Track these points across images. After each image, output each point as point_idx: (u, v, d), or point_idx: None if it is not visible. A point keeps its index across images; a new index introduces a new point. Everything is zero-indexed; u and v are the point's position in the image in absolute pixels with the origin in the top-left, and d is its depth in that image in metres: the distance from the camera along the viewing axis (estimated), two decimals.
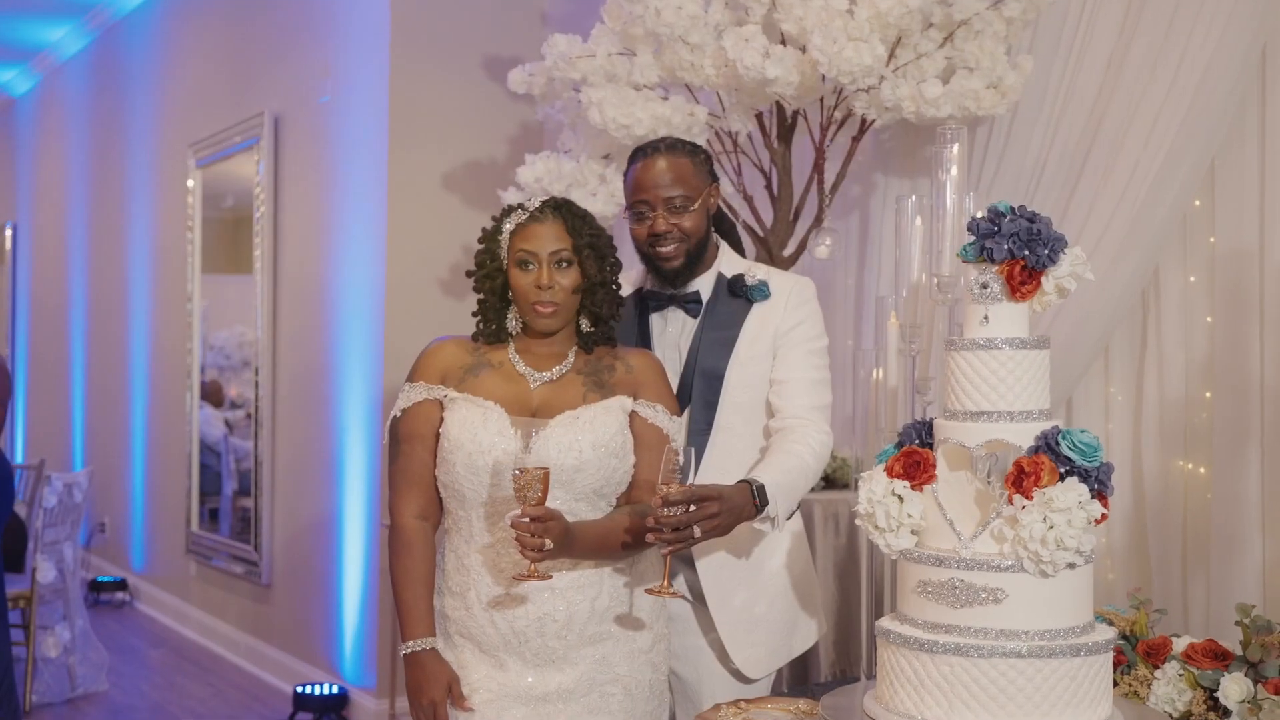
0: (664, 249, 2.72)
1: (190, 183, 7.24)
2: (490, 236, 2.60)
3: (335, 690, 5.48)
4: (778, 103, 3.72)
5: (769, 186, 3.88)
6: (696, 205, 2.73)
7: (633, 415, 2.56)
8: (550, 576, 2.40)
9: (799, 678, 3.63)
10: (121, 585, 8.26)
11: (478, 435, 2.48)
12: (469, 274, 2.63)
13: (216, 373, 7.46)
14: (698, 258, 2.77)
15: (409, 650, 2.50)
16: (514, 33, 5.47)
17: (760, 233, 3.84)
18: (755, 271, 2.81)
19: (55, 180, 9.84)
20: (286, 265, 6.26)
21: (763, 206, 3.92)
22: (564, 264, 2.53)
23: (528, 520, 2.28)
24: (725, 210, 2.94)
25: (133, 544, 8.34)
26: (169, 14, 7.77)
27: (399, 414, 2.58)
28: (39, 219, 10.27)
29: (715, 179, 2.81)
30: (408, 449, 2.56)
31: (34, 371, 10.47)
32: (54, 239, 9.82)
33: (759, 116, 3.79)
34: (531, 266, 2.52)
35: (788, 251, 3.83)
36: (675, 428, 2.59)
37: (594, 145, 3.83)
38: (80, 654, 6.01)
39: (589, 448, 2.47)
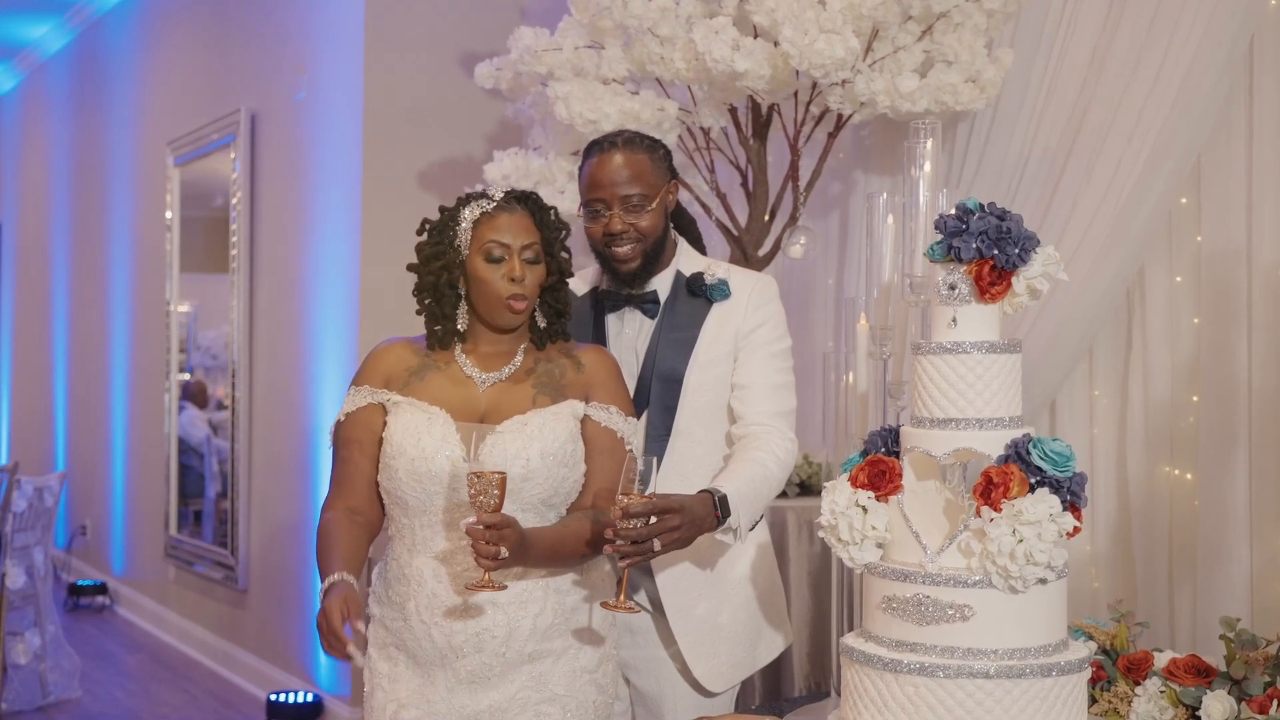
0: (619, 249, 2.62)
1: (169, 181, 7.15)
2: (445, 225, 2.48)
3: (310, 698, 5.39)
4: (752, 98, 3.61)
5: (744, 184, 3.78)
6: (654, 204, 2.62)
7: (585, 419, 2.45)
8: (505, 586, 2.29)
9: (771, 690, 3.53)
10: (102, 589, 8.16)
11: (421, 441, 2.39)
12: (413, 267, 2.51)
13: (203, 373, 7.37)
14: (655, 258, 2.66)
15: (325, 587, 2.34)
16: (491, 28, 5.35)
17: (735, 232, 3.74)
18: (715, 270, 2.70)
19: (39, 179, 9.76)
20: (263, 264, 6.17)
21: (737, 205, 3.82)
22: (533, 259, 2.44)
23: (483, 528, 2.18)
24: (685, 207, 2.82)
25: (113, 547, 8.24)
26: (149, 10, 7.69)
27: (342, 418, 2.49)
28: (23, 218, 10.19)
29: (675, 175, 2.71)
30: (345, 454, 2.48)
31: (18, 371, 10.39)
32: (38, 238, 9.74)
33: (733, 112, 3.69)
34: (502, 259, 2.42)
35: (763, 251, 3.73)
36: (631, 429, 2.48)
37: (562, 142, 3.73)
38: (52, 660, 5.90)
39: (537, 456, 2.37)
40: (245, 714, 5.71)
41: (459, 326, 2.48)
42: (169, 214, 7.19)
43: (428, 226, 2.51)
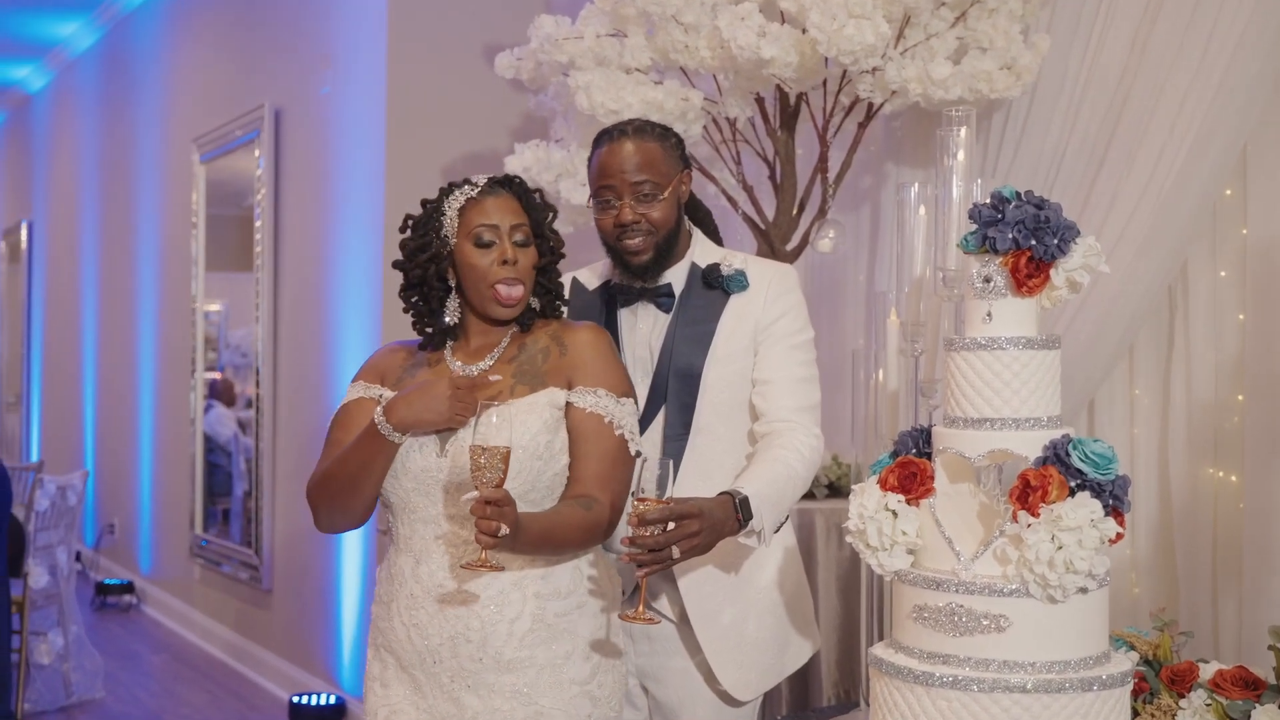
0: (631, 241, 2.52)
1: (195, 178, 7.11)
2: (430, 217, 2.40)
3: (332, 700, 5.33)
4: (779, 87, 3.51)
5: (772, 177, 3.67)
6: (666, 194, 2.52)
7: (568, 407, 2.35)
8: (503, 567, 2.21)
9: (799, 699, 3.43)
10: (128, 588, 8.14)
11: None
12: (398, 264, 2.42)
13: (233, 371, 7.35)
14: (667, 251, 2.56)
15: (379, 421, 2.27)
16: (515, 21, 5.25)
17: (762, 226, 3.63)
18: (732, 260, 2.60)
19: (68, 177, 9.78)
20: (287, 261, 6.12)
21: (765, 198, 3.72)
22: (523, 242, 2.38)
23: (484, 503, 2.09)
24: (699, 198, 2.71)
25: (140, 546, 8.23)
26: (175, 6, 7.67)
27: (338, 411, 2.46)
28: (54, 217, 10.22)
29: (687, 165, 2.61)
30: (332, 437, 2.43)
31: (48, 370, 10.42)
32: (67, 236, 9.76)
33: (760, 102, 3.59)
34: (492, 243, 2.35)
35: (791, 245, 3.63)
36: (623, 411, 2.35)
37: (584, 133, 3.63)
38: (75, 660, 5.87)
39: None
40: (267, 715, 5.66)
41: (449, 321, 2.41)
42: (195, 211, 7.16)
43: (410, 221, 2.43)
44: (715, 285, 2.57)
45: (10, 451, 11.20)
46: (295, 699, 5.37)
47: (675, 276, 2.59)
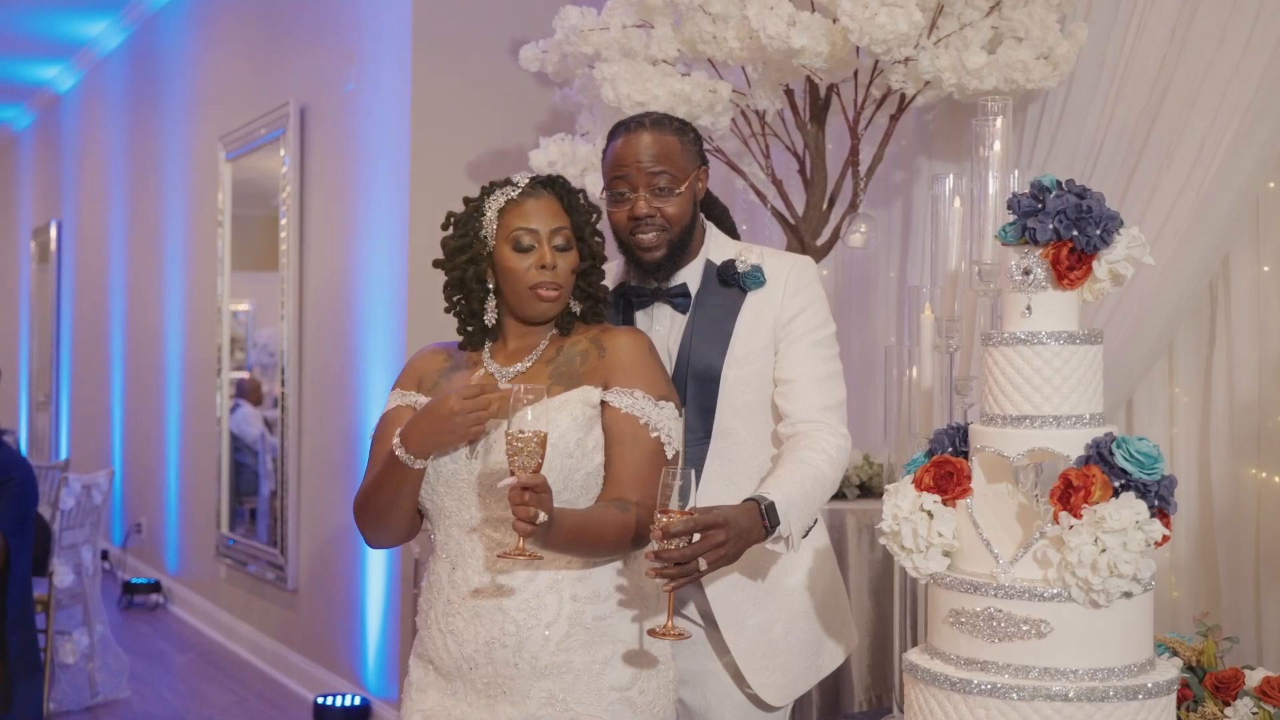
0: (644, 236, 2.45)
1: (221, 176, 7.10)
2: (470, 217, 2.36)
3: (357, 701, 5.30)
4: (809, 79, 3.44)
5: (801, 171, 3.60)
6: (682, 189, 2.45)
7: (604, 406, 2.30)
8: (540, 556, 2.15)
9: (830, 704, 3.36)
10: (155, 587, 8.14)
11: None
12: (439, 263, 2.39)
13: (260, 371, 7.33)
14: (681, 249, 2.48)
15: (398, 451, 2.22)
16: (542, 14, 5.22)
17: (791, 220, 3.56)
18: (748, 255, 2.51)
19: (97, 177, 9.80)
20: (312, 259, 6.08)
21: (794, 193, 3.64)
22: (563, 246, 2.32)
23: (522, 489, 2.04)
24: (715, 195, 2.64)
25: (167, 545, 8.22)
26: (202, 2, 7.65)
27: (378, 420, 2.41)
28: (83, 216, 10.23)
29: (705, 162, 2.53)
30: (375, 450, 2.38)
31: (77, 369, 10.43)
32: (96, 236, 9.78)
33: (789, 95, 3.52)
34: (531, 247, 2.30)
35: (821, 240, 3.55)
36: (661, 415, 2.30)
37: (611, 127, 3.56)
38: (100, 660, 5.85)
39: None
40: (292, 716, 5.63)
41: (488, 322, 2.36)
42: (221, 210, 7.14)
43: (452, 220, 2.39)
44: (732, 282, 2.49)
45: (40, 451, 11.23)
46: (320, 700, 5.34)
47: (690, 275, 2.52)
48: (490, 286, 2.35)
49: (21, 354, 12.12)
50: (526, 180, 2.35)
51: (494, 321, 2.36)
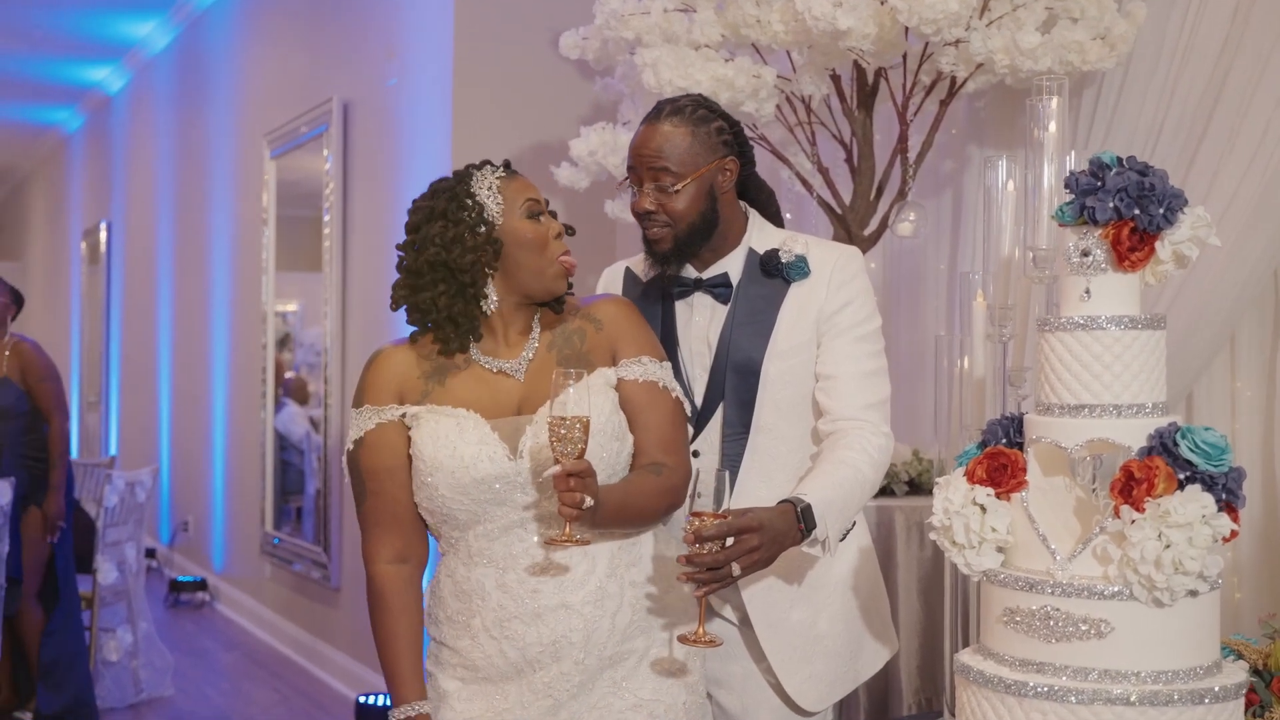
0: (651, 230, 2.37)
1: (266, 174, 7.09)
2: (458, 203, 2.24)
3: None
4: (856, 64, 3.35)
5: (849, 159, 3.51)
6: (683, 185, 2.34)
7: (620, 383, 2.27)
8: (588, 540, 2.10)
9: (878, 707, 3.26)
10: (202, 585, 8.16)
11: (457, 450, 2.19)
12: (435, 260, 2.24)
13: (307, 370, 7.34)
14: (690, 244, 2.39)
15: (400, 717, 2.25)
16: (583, 5, 5.16)
17: (838, 210, 3.47)
18: (792, 245, 2.41)
19: (145, 177, 9.86)
20: (355, 257, 6.06)
21: (841, 181, 3.55)
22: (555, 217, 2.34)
23: (567, 476, 2.00)
24: (762, 178, 2.53)
25: (213, 543, 8.24)
26: (247, 1, 7.65)
27: (352, 446, 2.28)
28: (131, 216, 10.30)
29: (732, 151, 2.40)
30: (374, 486, 2.27)
31: (126, 369, 10.50)
32: (144, 236, 9.84)
33: (836, 80, 3.43)
34: (543, 217, 2.27)
35: (869, 230, 3.46)
36: (666, 373, 2.30)
37: None
38: (144, 658, 5.85)
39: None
40: (335, 715, 5.60)
41: (487, 310, 2.26)
42: (265, 208, 7.13)
43: (437, 211, 2.26)
44: (775, 273, 2.40)
45: (90, 449, 11.32)
46: (362, 699, 5.30)
47: (732, 265, 2.43)
48: (489, 271, 2.26)
49: (73, 355, 12.23)
50: (499, 163, 2.31)
51: (494, 308, 2.27)
